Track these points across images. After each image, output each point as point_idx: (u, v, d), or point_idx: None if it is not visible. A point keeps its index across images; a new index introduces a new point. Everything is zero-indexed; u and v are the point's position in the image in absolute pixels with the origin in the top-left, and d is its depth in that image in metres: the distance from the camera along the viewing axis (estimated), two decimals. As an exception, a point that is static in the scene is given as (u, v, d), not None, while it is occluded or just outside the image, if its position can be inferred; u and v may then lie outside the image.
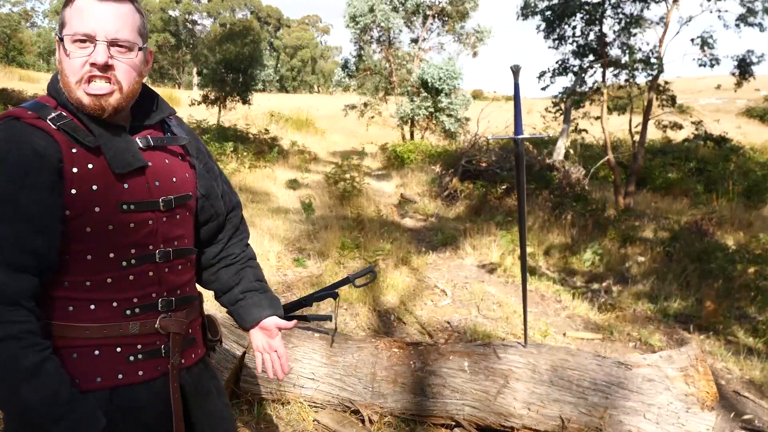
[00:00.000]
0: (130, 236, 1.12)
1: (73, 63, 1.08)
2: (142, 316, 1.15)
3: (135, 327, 1.14)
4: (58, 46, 1.11)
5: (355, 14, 18.05)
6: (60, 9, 1.09)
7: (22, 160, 1.01)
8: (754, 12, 9.29)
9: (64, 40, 1.08)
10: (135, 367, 1.14)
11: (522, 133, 2.56)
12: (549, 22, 11.16)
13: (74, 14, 1.07)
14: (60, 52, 1.10)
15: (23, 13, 60.35)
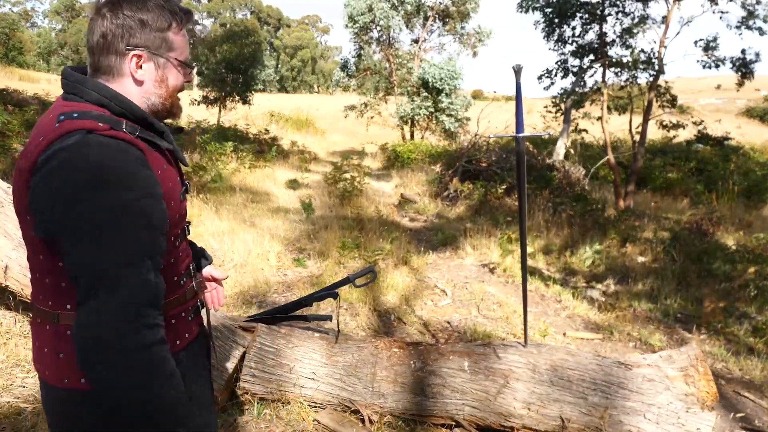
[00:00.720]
0: (183, 221, 1.29)
1: (177, 81, 1.22)
2: (187, 282, 1.33)
3: (188, 293, 1.33)
4: (154, 62, 1.18)
5: (354, 13, 18.03)
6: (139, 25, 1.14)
7: (142, 175, 1.07)
8: (754, 15, 9.30)
9: (171, 60, 1.20)
10: (192, 324, 1.34)
11: (523, 131, 2.56)
12: (549, 21, 11.15)
13: (183, 43, 1.22)
14: (153, 69, 1.18)
15: (23, 13, 60.33)
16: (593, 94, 11.06)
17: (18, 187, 1.09)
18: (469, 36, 20.29)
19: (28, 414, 2.60)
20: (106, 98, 1.12)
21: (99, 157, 1.02)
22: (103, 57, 1.14)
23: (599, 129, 11.08)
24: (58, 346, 1.13)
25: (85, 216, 1.00)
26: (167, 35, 1.17)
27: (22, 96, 12.61)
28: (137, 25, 1.13)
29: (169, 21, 1.17)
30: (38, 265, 1.13)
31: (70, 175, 1.00)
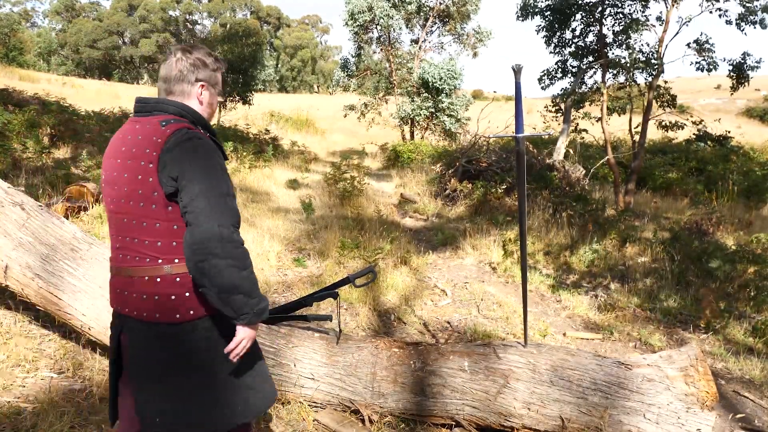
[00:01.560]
0: None
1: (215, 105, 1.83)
2: None
3: None
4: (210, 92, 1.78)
5: (354, 11, 17.99)
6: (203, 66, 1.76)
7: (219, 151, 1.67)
8: (753, 11, 9.27)
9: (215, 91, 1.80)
10: None
11: (523, 131, 2.57)
12: (549, 24, 11.14)
13: (220, 80, 1.82)
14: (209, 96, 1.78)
15: (23, 13, 60.30)
16: (593, 95, 11.05)
17: (134, 172, 1.59)
18: (469, 36, 20.28)
19: (28, 414, 2.60)
20: (183, 110, 1.69)
21: (204, 141, 1.62)
22: (177, 84, 1.72)
23: (599, 129, 11.08)
24: (171, 291, 1.60)
25: (208, 167, 1.57)
26: (215, 75, 1.79)
27: (22, 96, 12.59)
28: (202, 66, 1.74)
29: (216, 66, 1.78)
30: (153, 231, 1.59)
31: (197, 147, 1.59)
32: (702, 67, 9.93)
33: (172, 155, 1.56)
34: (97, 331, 2.85)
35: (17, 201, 3.04)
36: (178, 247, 1.58)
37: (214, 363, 1.63)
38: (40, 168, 7.17)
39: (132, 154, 1.60)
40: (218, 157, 1.63)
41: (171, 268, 1.59)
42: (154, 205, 1.57)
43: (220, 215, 1.53)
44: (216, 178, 1.56)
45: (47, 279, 2.87)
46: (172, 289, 1.59)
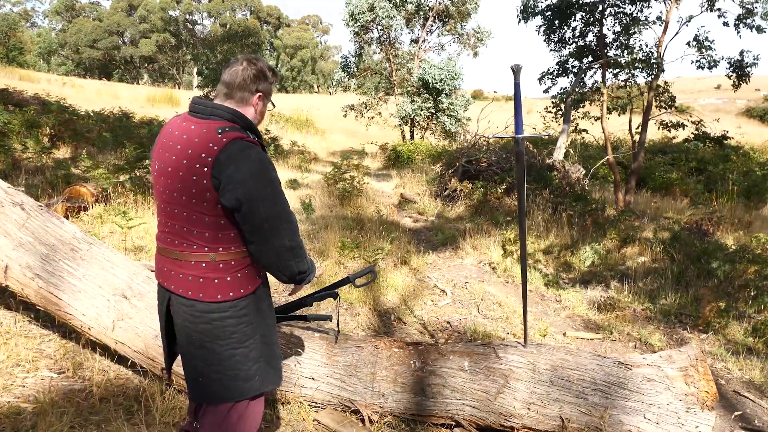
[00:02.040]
0: None
1: (266, 114, 2.03)
2: None
3: None
4: (264, 102, 1.97)
5: (355, 11, 17.99)
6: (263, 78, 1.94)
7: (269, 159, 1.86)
8: (752, 13, 9.26)
9: (268, 101, 1.99)
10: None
11: (522, 132, 2.57)
12: (550, 23, 11.14)
13: (272, 91, 1.99)
14: (263, 105, 1.97)
15: (23, 13, 60.31)
16: (593, 94, 11.05)
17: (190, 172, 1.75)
18: (468, 36, 20.29)
19: (28, 414, 2.60)
20: (236, 117, 1.83)
21: (260, 154, 1.79)
22: (239, 91, 1.87)
23: (599, 129, 11.08)
24: (214, 275, 1.82)
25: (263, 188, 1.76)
26: (271, 87, 1.97)
27: (22, 96, 12.60)
28: (263, 77, 1.91)
29: (273, 79, 1.96)
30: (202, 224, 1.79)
31: (255, 162, 1.76)
32: (702, 65, 9.92)
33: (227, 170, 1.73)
34: (97, 331, 2.85)
35: (17, 201, 3.04)
36: (224, 238, 1.81)
37: (241, 339, 1.88)
38: (40, 168, 7.17)
39: (188, 154, 1.76)
40: (272, 169, 1.82)
41: (215, 256, 1.82)
42: (205, 203, 1.76)
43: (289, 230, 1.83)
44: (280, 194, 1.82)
45: (47, 279, 2.87)
46: (216, 274, 1.82)
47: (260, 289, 1.95)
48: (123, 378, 2.96)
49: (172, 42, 58.50)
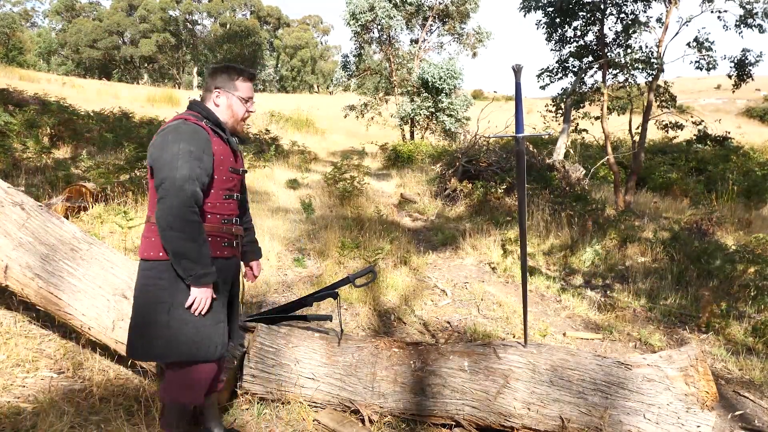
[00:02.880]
0: (229, 183, 2.26)
1: (240, 110, 2.31)
2: (227, 224, 2.27)
3: (224, 230, 2.25)
4: (228, 97, 2.28)
5: (355, 11, 17.99)
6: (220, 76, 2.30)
7: (203, 139, 2.12)
8: (753, 14, 9.26)
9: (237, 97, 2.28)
10: (225, 249, 2.26)
11: (523, 131, 2.57)
12: (551, 21, 11.13)
13: (245, 87, 2.30)
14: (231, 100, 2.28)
15: (23, 13, 60.28)
16: (593, 94, 11.04)
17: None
18: (468, 36, 20.28)
19: (28, 414, 2.60)
20: (198, 108, 2.25)
21: (184, 129, 2.10)
22: (203, 92, 2.33)
23: (599, 129, 11.08)
24: (148, 234, 2.17)
25: (169, 153, 2.04)
26: (236, 82, 2.27)
27: (22, 96, 12.59)
28: (219, 74, 2.27)
29: (237, 75, 2.27)
30: (151, 189, 2.13)
31: (167, 135, 2.09)
32: (702, 66, 9.92)
33: (157, 135, 2.12)
34: (97, 331, 2.85)
35: (17, 201, 3.04)
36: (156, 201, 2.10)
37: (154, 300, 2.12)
38: (40, 168, 7.17)
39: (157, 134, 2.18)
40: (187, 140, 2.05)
41: (152, 217, 2.14)
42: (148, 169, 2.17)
43: (178, 197, 2.00)
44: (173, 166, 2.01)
45: (47, 279, 2.86)
46: (149, 233, 2.16)
47: None
48: (123, 378, 2.96)
49: (172, 42, 58.45)
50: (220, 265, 2.21)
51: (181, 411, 2.27)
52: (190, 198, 2.01)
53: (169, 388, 2.24)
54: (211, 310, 2.16)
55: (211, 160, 2.12)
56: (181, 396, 2.24)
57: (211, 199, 2.18)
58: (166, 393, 2.26)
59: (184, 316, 2.11)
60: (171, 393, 2.25)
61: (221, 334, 2.22)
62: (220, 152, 2.18)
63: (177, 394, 2.24)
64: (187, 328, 2.12)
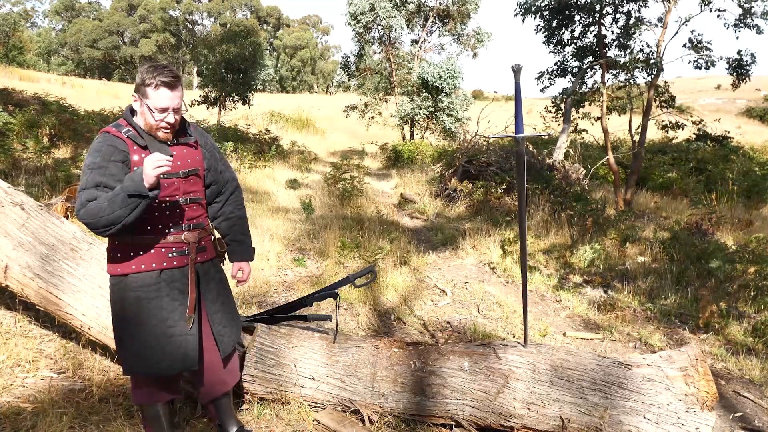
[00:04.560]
0: (166, 191, 2.14)
1: (151, 119, 2.12)
2: (175, 232, 2.19)
3: (171, 237, 2.18)
4: (141, 103, 2.12)
5: (356, 12, 17.99)
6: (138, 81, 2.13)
7: (109, 150, 2.07)
8: (751, 13, 9.25)
9: (150, 106, 2.10)
10: (173, 259, 2.18)
11: (523, 131, 2.57)
12: (548, 24, 11.13)
13: (155, 95, 2.08)
14: (143, 107, 2.12)
15: (23, 12, 60.26)
16: (593, 95, 11.03)
17: None
18: (469, 37, 20.27)
19: (28, 414, 2.60)
20: (126, 116, 2.17)
21: (94, 142, 2.11)
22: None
23: (599, 129, 11.07)
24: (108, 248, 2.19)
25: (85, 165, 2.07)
26: (147, 89, 2.08)
27: (22, 96, 12.59)
28: (139, 82, 2.10)
29: (150, 80, 2.07)
30: None
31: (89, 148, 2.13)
32: (700, 65, 9.92)
33: None
34: (97, 331, 2.85)
35: (17, 201, 3.04)
36: None
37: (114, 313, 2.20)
38: (40, 168, 7.17)
39: None
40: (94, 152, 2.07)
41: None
42: None
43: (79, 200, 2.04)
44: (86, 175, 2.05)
45: (47, 279, 2.86)
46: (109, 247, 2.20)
47: (132, 277, 2.12)
48: (123, 378, 2.96)
49: (172, 42, 58.49)
50: (169, 276, 2.16)
51: (149, 410, 2.32)
52: (82, 202, 2.01)
53: (133, 391, 2.33)
54: (161, 326, 2.14)
55: (122, 167, 2.06)
56: (139, 397, 2.30)
57: (147, 211, 2.07)
58: (133, 395, 2.34)
59: (133, 330, 2.14)
60: (134, 395, 2.33)
61: (178, 348, 2.17)
62: (141, 162, 2.05)
63: (136, 395, 2.32)
64: (137, 344, 2.15)
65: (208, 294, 2.30)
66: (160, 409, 2.31)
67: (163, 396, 2.31)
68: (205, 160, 2.33)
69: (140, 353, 2.15)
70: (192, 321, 2.20)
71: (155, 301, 2.13)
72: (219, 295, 2.36)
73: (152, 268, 2.13)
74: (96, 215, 1.96)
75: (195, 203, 2.25)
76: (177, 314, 2.17)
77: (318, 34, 72.97)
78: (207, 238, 2.34)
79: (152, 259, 2.13)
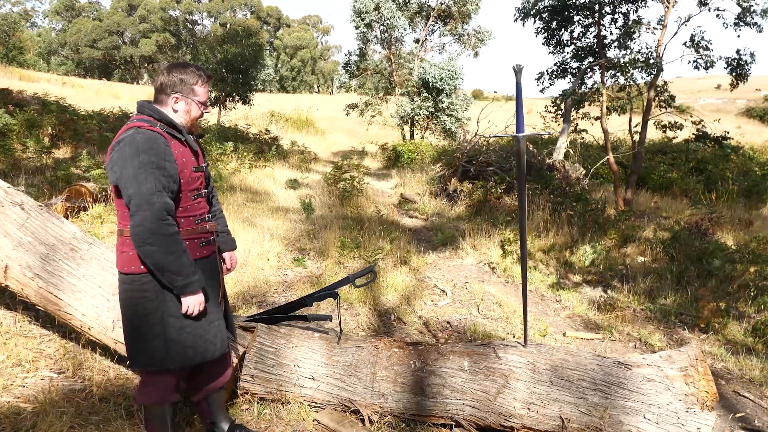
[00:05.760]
0: (195, 183, 2.25)
1: (197, 113, 2.25)
2: (202, 223, 2.29)
3: (200, 230, 2.27)
4: (187, 101, 2.20)
5: (362, 9, 17.97)
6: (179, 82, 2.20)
7: (161, 147, 2.07)
8: (750, 12, 9.24)
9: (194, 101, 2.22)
10: (203, 249, 2.28)
11: (523, 131, 2.57)
12: (547, 26, 11.13)
13: (202, 91, 2.23)
14: (190, 105, 2.22)
15: (23, 12, 60.28)
16: (593, 95, 11.03)
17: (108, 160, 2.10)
18: (469, 37, 20.27)
19: (28, 414, 2.60)
20: (153, 113, 2.16)
21: (140, 140, 2.04)
22: (158, 94, 2.20)
23: (599, 129, 11.07)
24: (122, 248, 2.15)
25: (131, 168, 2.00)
26: (194, 87, 2.20)
27: (22, 96, 12.60)
28: (178, 81, 2.17)
29: (196, 79, 2.20)
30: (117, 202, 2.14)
31: (125, 149, 2.03)
32: (699, 65, 9.91)
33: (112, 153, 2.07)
34: (97, 331, 2.85)
35: (17, 201, 3.04)
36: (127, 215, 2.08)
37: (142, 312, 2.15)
38: (40, 168, 7.17)
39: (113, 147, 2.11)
40: (147, 151, 2.01)
41: (125, 231, 2.12)
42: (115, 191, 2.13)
43: (149, 211, 1.99)
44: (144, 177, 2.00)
45: (47, 279, 2.86)
46: (123, 247, 2.14)
47: None
48: (123, 378, 2.96)
49: (172, 42, 58.49)
50: (203, 266, 2.23)
51: (157, 411, 2.31)
52: (161, 210, 2.01)
53: (144, 391, 2.28)
54: (203, 312, 2.20)
55: (173, 167, 2.09)
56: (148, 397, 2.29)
57: (182, 203, 2.18)
58: (141, 396, 2.30)
59: (178, 323, 2.15)
60: (142, 395, 2.29)
61: (217, 332, 2.27)
62: (181, 155, 2.15)
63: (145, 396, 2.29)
64: (184, 334, 2.17)
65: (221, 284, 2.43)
66: (168, 408, 2.32)
67: (174, 396, 2.32)
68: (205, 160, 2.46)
69: (198, 341, 2.19)
70: (223, 305, 2.36)
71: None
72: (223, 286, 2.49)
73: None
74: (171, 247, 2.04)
75: (208, 196, 2.41)
76: (212, 301, 2.26)
77: (318, 34, 72.97)
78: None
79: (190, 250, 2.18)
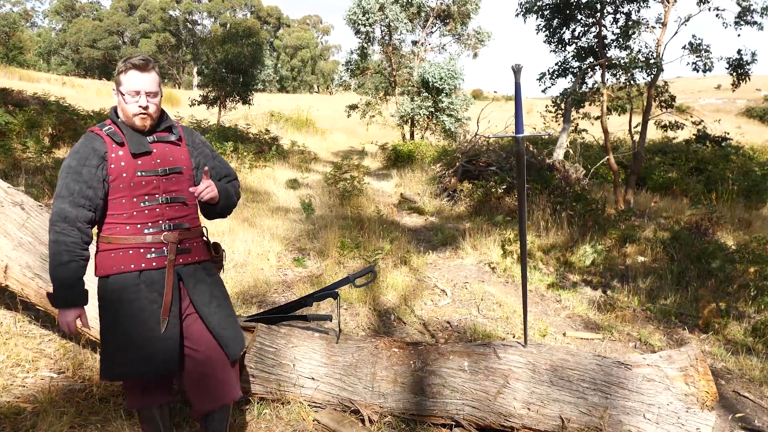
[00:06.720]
0: (145, 188, 2.10)
1: (129, 107, 2.09)
2: (154, 232, 2.11)
3: (149, 238, 2.10)
4: (119, 95, 2.11)
5: (366, 8, 17.92)
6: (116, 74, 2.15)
7: (86, 153, 2.07)
8: (750, 10, 9.23)
9: (124, 93, 2.08)
10: (152, 260, 2.10)
11: (523, 131, 2.57)
12: (548, 23, 11.13)
13: (126, 79, 2.08)
14: (118, 97, 2.11)
15: (23, 12, 60.28)
16: (593, 95, 11.03)
17: None
18: (469, 37, 20.27)
19: (28, 414, 2.60)
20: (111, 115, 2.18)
21: (78, 142, 2.12)
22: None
23: (599, 129, 11.07)
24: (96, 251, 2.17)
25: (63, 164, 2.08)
26: (119, 77, 2.10)
27: (22, 96, 12.59)
28: (115, 74, 2.15)
29: (122, 68, 2.10)
30: None
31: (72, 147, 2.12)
32: (698, 68, 9.91)
33: None
34: (96, 331, 2.85)
35: (17, 201, 3.04)
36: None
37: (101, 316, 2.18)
38: (40, 168, 7.17)
39: None
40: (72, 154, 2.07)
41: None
42: None
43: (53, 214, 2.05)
44: (60, 180, 2.06)
45: (47, 279, 2.86)
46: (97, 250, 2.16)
47: (113, 278, 2.09)
48: (123, 378, 2.96)
49: (172, 42, 58.51)
50: (148, 278, 2.08)
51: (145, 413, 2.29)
52: (54, 215, 2.02)
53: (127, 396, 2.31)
54: (141, 328, 2.06)
55: (91, 171, 2.03)
56: (131, 403, 2.29)
57: (124, 208, 2.07)
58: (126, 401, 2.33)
59: (108, 334, 2.13)
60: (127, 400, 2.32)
61: (156, 352, 2.07)
62: (119, 159, 2.06)
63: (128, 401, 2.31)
64: (114, 345, 2.11)
65: (197, 296, 2.16)
66: (156, 411, 2.27)
67: (154, 399, 2.25)
68: (193, 159, 2.25)
69: (119, 356, 2.09)
70: (165, 324, 2.07)
71: (135, 303, 2.07)
72: (213, 297, 2.21)
73: (131, 269, 2.07)
74: (50, 255, 2.05)
75: (177, 203, 2.16)
76: (155, 317, 2.08)
77: (318, 34, 72.98)
78: (194, 240, 2.21)
79: (131, 260, 2.07)
